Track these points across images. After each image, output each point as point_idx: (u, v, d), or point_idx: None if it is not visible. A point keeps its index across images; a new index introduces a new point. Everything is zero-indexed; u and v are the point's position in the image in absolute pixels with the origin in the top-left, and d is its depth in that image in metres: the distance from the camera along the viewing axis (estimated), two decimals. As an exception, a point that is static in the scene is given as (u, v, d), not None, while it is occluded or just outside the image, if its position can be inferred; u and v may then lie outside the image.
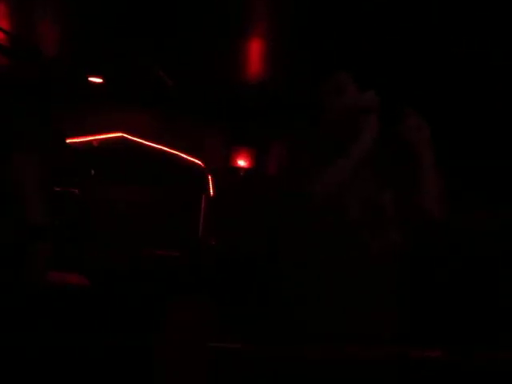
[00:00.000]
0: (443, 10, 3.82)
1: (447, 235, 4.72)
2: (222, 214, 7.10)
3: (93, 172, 6.58)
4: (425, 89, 4.57)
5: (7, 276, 3.29)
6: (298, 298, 2.35)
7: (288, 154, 2.71)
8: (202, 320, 3.87)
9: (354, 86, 2.31)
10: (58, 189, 4.85)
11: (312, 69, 5.08)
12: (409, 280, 2.35)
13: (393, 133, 2.24)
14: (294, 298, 2.38)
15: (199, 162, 7.56)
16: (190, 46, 4.99)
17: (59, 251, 3.75)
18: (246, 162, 7.60)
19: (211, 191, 7.51)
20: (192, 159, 7.54)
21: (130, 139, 7.36)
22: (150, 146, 7.38)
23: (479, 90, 5.11)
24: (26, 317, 3.22)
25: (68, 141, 6.54)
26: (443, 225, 2.29)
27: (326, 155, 2.25)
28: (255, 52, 5.29)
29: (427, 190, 2.20)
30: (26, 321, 3.21)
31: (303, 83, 5.46)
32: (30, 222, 3.54)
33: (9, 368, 3.11)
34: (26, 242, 3.45)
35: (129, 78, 6.31)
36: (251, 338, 2.22)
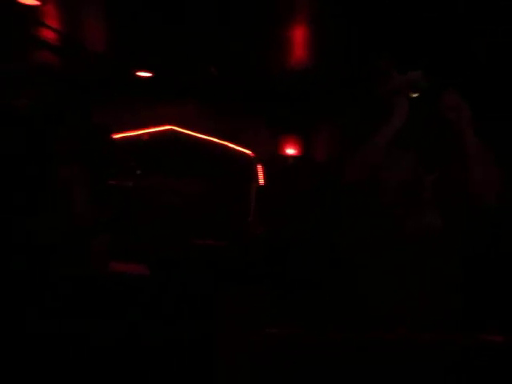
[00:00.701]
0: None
1: (499, 218, 4.62)
2: (271, 203, 7.12)
3: (139, 172, 6.70)
4: (470, 69, 4.47)
5: (69, 267, 3.41)
6: (357, 283, 2.35)
7: (334, 139, 2.72)
8: (253, 308, 3.92)
9: (395, 68, 2.29)
10: (112, 182, 4.96)
11: (354, 53, 5.04)
12: (461, 265, 2.32)
13: (433, 113, 2.21)
14: (353, 283, 2.38)
15: (248, 152, 7.60)
16: (235, 35, 5.00)
17: (117, 242, 3.86)
18: (293, 149, 7.60)
19: (261, 180, 7.54)
20: (241, 149, 7.58)
21: (179, 131, 7.45)
22: (198, 137, 7.46)
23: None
24: (87, 306, 3.33)
25: (117, 136, 6.69)
26: (494, 208, 2.24)
27: (364, 137, 2.25)
28: (299, 38, 5.27)
29: (473, 173, 2.16)
30: (87, 310, 3.32)
31: (346, 67, 5.45)
32: (85, 214, 3.65)
33: (71, 355, 3.23)
34: (84, 234, 3.57)
35: (176, 71, 6.38)
36: (303, 324, 2.24)
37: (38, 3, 4.52)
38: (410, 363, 1.82)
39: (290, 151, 7.61)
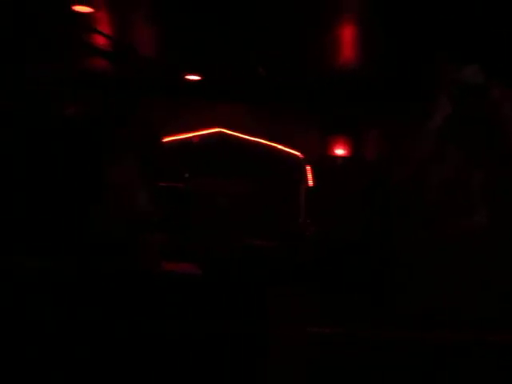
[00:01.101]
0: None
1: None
2: (322, 204, 7.10)
3: (187, 175, 6.78)
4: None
5: (123, 265, 3.49)
6: (411, 282, 2.32)
7: (384, 138, 2.70)
8: (303, 307, 3.92)
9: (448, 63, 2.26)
10: (163, 184, 5.04)
11: (406, 53, 4.98)
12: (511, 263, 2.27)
13: (482, 109, 2.17)
14: (407, 282, 2.36)
15: (297, 153, 7.59)
16: (283, 35, 5.00)
17: (169, 242, 3.92)
18: (343, 149, 7.56)
19: (310, 181, 7.53)
20: (289, 150, 7.58)
21: (228, 133, 7.50)
22: (247, 139, 7.49)
23: None
24: (140, 305, 3.39)
25: (167, 139, 6.79)
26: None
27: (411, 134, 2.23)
28: (348, 37, 5.24)
29: None
30: (140, 309, 3.38)
31: (396, 67, 5.38)
32: (138, 214, 3.73)
33: (124, 354, 3.29)
34: (137, 233, 3.64)
35: (225, 74, 6.43)
36: (352, 323, 2.23)
37: (90, 10, 4.64)
38: (475, 364, 1.79)
39: (340, 152, 7.57)
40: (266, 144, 7.52)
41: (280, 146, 7.56)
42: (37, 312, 3.14)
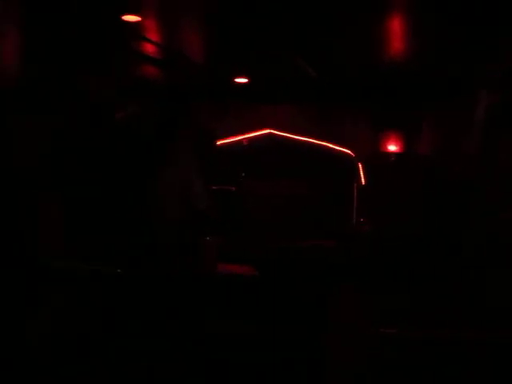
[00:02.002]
0: None
1: None
2: (375, 201, 7.03)
3: (243, 174, 6.81)
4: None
5: (182, 267, 3.54)
6: (479, 284, 2.28)
7: (437, 134, 2.65)
8: (361, 307, 3.88)
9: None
10: (215, 187, 5.08)
11: (456, 46, 4.87)
12: None
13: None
14: (475, 284, 2.32)
15: (348, 151, 7.53)
16: (330, 30, 4.95)
17: (227, 244, 3.96)
18: (395, 145, 7.45)
19: (362, 179, 7.45)
20: (341, 148, 7.52)
21: (278, 134, 7.49)
22: (297, 139, 7.47)
23: None
24: (198, 306, 3.44)
25: (219, 142, 6.84)
26: None
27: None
28: (396, 30, 5.13)
29: None
30: (198, 309, 3.43)
31: (446, 60, 5.27)
32: (196, 216, 3.79)
33: (182, 354, 3.34)
34: (195, 235, 3.69)
35: (272, 75, 6.43)
36: (409, 324, 2.20)
37: (139, 19, 4.70)
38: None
39: (392, 148, 7.47)
40: (317, 143, 7.48)
41: (331, 145, 7.52)
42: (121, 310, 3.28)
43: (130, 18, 4.65)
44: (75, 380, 3.20)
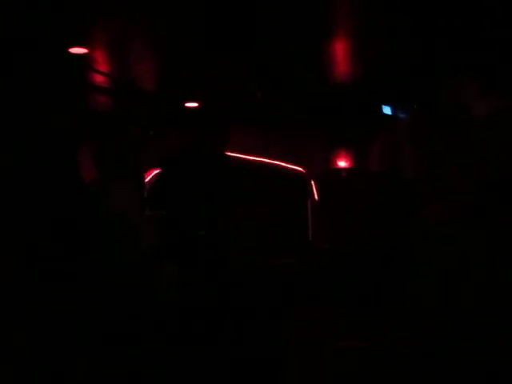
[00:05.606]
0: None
1: None
2: (329, 217, 7.15)
3: None
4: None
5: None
6: (432, 293, 2.34)
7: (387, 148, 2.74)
8: (325, 322, 3.96)
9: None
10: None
11: (405, 65, 5.05)
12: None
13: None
14: (427, 293, 2.38)
15: (300, 169, 7.65)
16: (276, 53, 5.07)
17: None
18: (346, 162, 7.63)
19: (315, 195, 7.58)
20: (293, 166, 7.64)
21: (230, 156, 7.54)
22: (249, 160, 7.54)
23: None
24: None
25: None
26: None
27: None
28: (342, 52, 5.29)
29: None
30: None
31: (396, 79, 5.46)
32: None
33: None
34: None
35: (221, 99, 6.50)
36: (373, 337, 2.27)
37: (86, 51, 4.74)
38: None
39: (343, 164, 7.64)
40: (269, 163, 7.57)
41: (283, 164, 7.62)
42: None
43: (77, 50, 4.69)
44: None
